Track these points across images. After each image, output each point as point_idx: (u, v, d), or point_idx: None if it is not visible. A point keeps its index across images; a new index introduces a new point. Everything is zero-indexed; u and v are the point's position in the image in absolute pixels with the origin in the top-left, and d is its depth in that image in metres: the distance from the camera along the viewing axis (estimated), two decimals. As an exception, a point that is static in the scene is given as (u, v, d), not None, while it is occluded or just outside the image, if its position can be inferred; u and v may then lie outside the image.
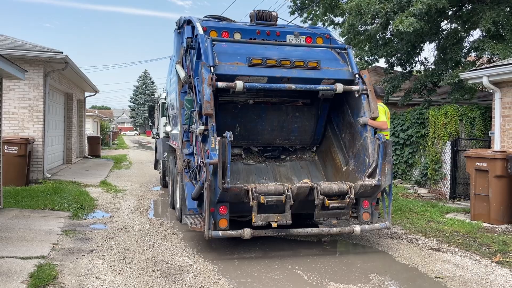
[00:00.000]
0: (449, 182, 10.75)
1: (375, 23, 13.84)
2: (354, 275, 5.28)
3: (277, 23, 7.53)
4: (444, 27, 14.10)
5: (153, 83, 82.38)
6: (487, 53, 12.26)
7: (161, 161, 12.11)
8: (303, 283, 5.01)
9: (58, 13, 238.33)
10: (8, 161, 10.01)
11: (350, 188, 5.84)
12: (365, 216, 6.20)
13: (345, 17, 14.50)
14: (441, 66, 13.58)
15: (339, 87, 6.45)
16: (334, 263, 5.75)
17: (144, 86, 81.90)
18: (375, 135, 6.27)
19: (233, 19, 8.13)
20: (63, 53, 11.41)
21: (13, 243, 5.93)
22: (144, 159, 22.71)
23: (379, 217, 6.47)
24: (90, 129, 32.06)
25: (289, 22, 8.40)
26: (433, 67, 14.20)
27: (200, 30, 6.62)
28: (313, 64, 6.51)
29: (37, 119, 11.63)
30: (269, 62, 6.35)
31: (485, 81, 9.16)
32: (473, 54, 13.64)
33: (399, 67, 14.99)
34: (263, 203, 5.45)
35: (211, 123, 5.80)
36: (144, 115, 72.60)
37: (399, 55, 14.42)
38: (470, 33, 13.81)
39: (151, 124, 16.94)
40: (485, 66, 10.57)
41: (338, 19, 16.91)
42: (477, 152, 8.46)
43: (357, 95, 6.57)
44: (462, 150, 10.42)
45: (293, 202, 5.59)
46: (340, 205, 5.75)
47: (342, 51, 7.09)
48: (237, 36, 7.08)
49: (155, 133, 14.73)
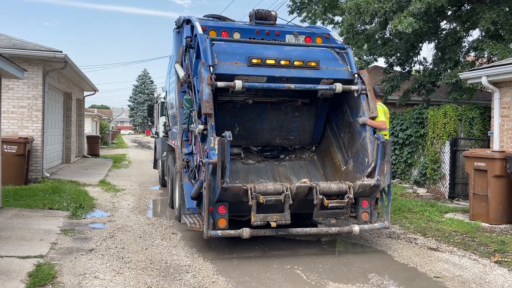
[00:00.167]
0: (448, 182, 10.77)
1: (374, 23, 13.84)
2: (353, 275, 5.29)
3: (277, 22, 7.53)
4: (443, 27, 14.10)
5: (152, 82, 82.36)
6: (486, 53, 12.27)
7: (160, 160, 12.11)
8: (302, 282, 5.01)
9: (57, 12, 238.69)
10: (7, 160, 10.01)
11: (349, 187, 5.84)
12: (364, 215, 6.20)
13: (344, 17, 14.50)
14: (440, 66, 13.59)
15: (338, 87, 6.44)
16: (333, 262, 5.76)
17: (143, 85, 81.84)
18: (374, 134, 6.27)
19: (232, 18, 8.13)
20: (62, 52, 11.41)
21: (12, 243, 5.92)
22: (143, 159, 22.70)
23: (378, 217, 6.48)
24: (89, 128, 32.03)
25: (289, 21, 8.39)
26: (431, 67, 14.21)
27: (199, 29, 6.61)
28: (312, 63, 6.51)
29: (36, 118, 11.62)
30: (269, 61, 6.34)
31: (484, 81, 9.18)
32: (472, 54, 13.65)
33: (398, 66, 15.00)
34: (262, 202, 5.44)
35: (210, 122, 5.80)
36: (143, 114, 72.60)
37: (398, 54, 14.42)
38: (469, 33, 13.83)
39: (150, 123, 16.94)
40: (484, 66, 10.58)
41: (337, 18, 16.92)
42: (476, 152, 8.47)
43: (356, 95, 6.57)
44: (461, 150, 10.42)
45: (292, 201, 5.59)
46: (339, 204, 5.75)
47: (341, 51, 7.09)
48: (237, 35, 7.08)
49: (154, 133, 14.74)
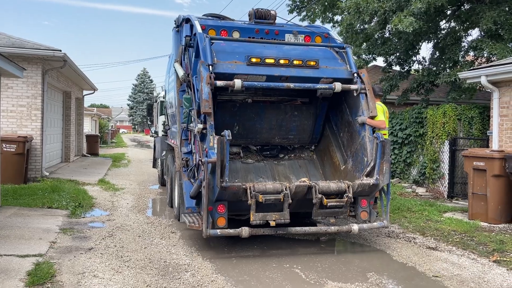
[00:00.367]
0: (447, 181, 10.78)
1: (373, 22, 13.84)
2: (351, 274, 5.29)
3: (276, 21, 7.52)
4: (442, 27, 14.11)
5: (151, 81, 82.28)
6: (485, 52, 12.28)
7: (159, 159, 12.10)
8: (301, 281, 5.02)
9: (57, 11, 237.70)
10: (6, 159, 10.00)
11: (348, 187, 5.84)
12: (363, 215, 6.20)
13: (344, 16, 14.50)
14: (439, 65, 13.59)
15: (338, 86, 6.44)
16: (331, 261, 5.76)
17: (142, 84, 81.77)
18: (373, 134, 6.27)
19: (232, 17, 8.12)
20: (61, 51, 11.39)
21: (11, 241, 5.92)
22: (142, 158, 22.69)
23: (377, 216, 6.48)
24: (88, 127, 31.98)
25: (288, 20, 8.39)
26: (430, 67, 14.21)
27: (198, 28, 6.61)
28: (312, 63, 6.51)
29: (35, 117, 11.61)
30: (268, 60, 6.34)
31: (484, 81, 9.19)
32: (472, 53, 13.66)
33: (397, 66, 15.00)
34: (261, 201, 5.45)
35: (209, 121, 5.80)
36: (142, 113, 72.56)
37: (398, 54, 14.43)
38: (468, 32, 13.83)
39: (149, 122, 16.94)
40: (484, 65, 10.59)
41: (337, 17, 16.92)
42: (475, 151, 8.47)
43: (355, 94, 6.57)
44: (460, 149, 10.43)
45: (291, 200, 5.59)
46: (338, 204, 5.76)
47: (340, 50, 7.09)
48: (236, 34, 7.07)
49: (153, 132, 14.75)
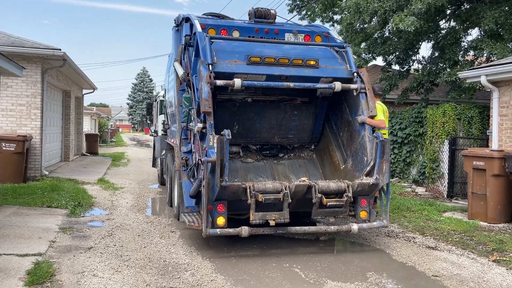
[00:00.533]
0: (447, 181, 10.78)
1: (373, 21, 13.83)
2: (351, 273, 5.29)
3: (276, 21, 7.52)
4: (442, 26, 14.10)
5: (151, 80, 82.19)
6: (485, 52, 12.28)
7: (159, 159, 12.10)
8: (301, 281, 5.02)
9: (56, 10, 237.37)
10: (5, 158, 10.00)
11: (348, 186, 5.84)
12: (363, 214, 6.20)
13: (343, 15, 14.49)
14: (439, 65, 13.59)
15: (338, 86, 6.44)
16: (331, 261, 5.76)
17: (142, 83, 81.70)
18: (373, 133, 6.27)
19: (232, 17, 8.12)
20: (61, 50, 11.38)
21: (11, 241, 5.92)
22: (142, 157, 22.67)
23: (376, 216, 6.48)
24: (88, 126, 31.97)
25: (288, 20, 8.38)
26: (430, 66, 14.21)
27: (198, 27, 6.60)
28: (312, 62, 6.50)
29: (34, 116, 11.60)
30: (268, 60, 6.34)
31: (483, 80, 9.19)
32: (471, 53, 13.66)
33: (397, 65, 15.00)
34: (261, 201, 5.44)
35: (209, 121, 5.80)
36: (142, 112, 72.50)
37: (397, 53, 14.42)
38: (468, 32, 13.83)
39: (149, 122, 16.93)
40: (484, 65, 10.59)
41: (337, 17, 16.91)
42: (475, 151, 8.47)
43: (355, 94, 6.57)
44: (460, 149, 10.43)
45: (291, 200, 5.59)
46: (338, 203, 5.75)
47: (340, 50, 7.09)
48: (236, 34, 7.06)
49: (153, 131, 14.74)
